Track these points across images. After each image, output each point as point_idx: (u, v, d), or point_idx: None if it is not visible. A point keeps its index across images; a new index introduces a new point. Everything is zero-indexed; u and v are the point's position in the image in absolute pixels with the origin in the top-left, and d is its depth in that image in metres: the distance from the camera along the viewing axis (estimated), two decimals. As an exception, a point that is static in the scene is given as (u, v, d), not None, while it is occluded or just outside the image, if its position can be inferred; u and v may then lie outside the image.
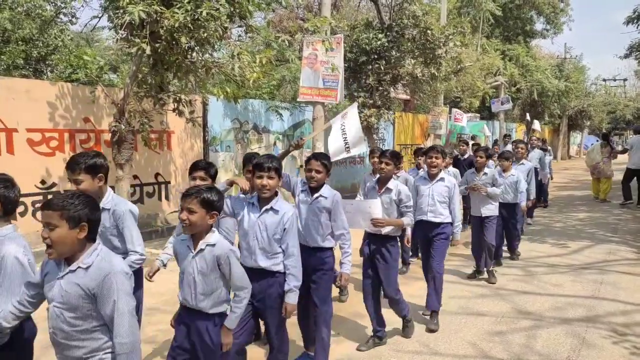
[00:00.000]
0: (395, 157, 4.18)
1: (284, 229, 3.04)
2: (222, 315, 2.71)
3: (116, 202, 3.08)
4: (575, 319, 4.80)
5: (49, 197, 6.63)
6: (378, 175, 4.33)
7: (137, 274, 3.10)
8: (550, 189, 12.25)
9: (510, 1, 25.93)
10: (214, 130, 9.14)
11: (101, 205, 2.88)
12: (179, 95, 6.54)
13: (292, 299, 3.08)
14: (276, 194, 3.11)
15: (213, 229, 2.71)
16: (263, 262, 3.05)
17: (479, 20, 22.05)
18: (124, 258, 2.97)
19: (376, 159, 5.05)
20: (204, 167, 3.58)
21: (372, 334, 4.18)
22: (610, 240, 8.20)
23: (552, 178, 12.50)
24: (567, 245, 7.86)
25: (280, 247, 3.07)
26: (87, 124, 7.12)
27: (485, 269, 5.99)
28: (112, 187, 6.93)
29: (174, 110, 6.63)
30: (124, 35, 5.82)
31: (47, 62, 11.02)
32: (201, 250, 2.65)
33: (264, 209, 3.06)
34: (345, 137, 4.55)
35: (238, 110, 9.55)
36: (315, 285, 3.55)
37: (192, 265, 2.66)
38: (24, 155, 6.42)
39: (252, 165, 3.17)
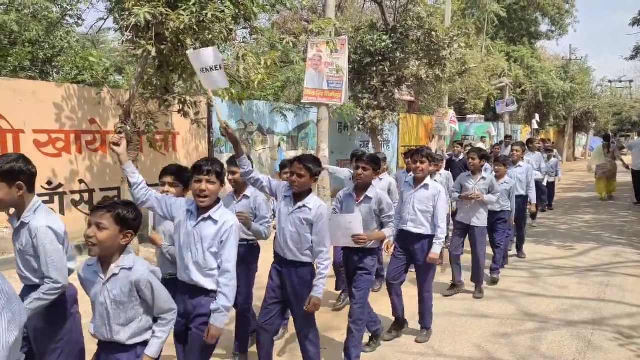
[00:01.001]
0: (374, 162, 3.75)
1: (221, 242, 2.65)
2: (145, 344, 2.35)
3: (35, 216, 2.53)
4: (580, 321, 4.78)
5: (55, 197, 6.71)
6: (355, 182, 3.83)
7: (60, 309, 2.56)
8: (556, 190, 12.18)
9: (515, 3, 25.83)
10: (219, 131, 9.17)
11: (21, 219, 2.54)
12: (184, 96, 6.57)
13: (218, 320, 2.61)
14: (218, 201, 2.75)
15: (129, 249, 2.33)
16: (197, 278, 2.67)
17: (483, 22, 21.99)
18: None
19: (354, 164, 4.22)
20: (173, 172, 3.15)
21: (370, 335, 4.13)
22: (616, 243, 8.16)
23: (560, 179, 12.44)
24: (572, 247, 7.82)
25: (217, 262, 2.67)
26: (93, 125, 7.15)
27: (474, 283, 5.57)
28: (118, 189, 7.12)
29: (179, 111, 6.66)
30: (129, 37, 5.84)
31: (53, 64, 11.09)
32: (114, 275, 2.27)
33: (201, 217, 2.68)
34: (210, 68, 3.48)
35: (243, 111, 9.58)
36: (297, 307, 3.24)
37: (104, 293, 2.27)
38: (31, 156, 6.29)
39: (192, 167, 2.80)
